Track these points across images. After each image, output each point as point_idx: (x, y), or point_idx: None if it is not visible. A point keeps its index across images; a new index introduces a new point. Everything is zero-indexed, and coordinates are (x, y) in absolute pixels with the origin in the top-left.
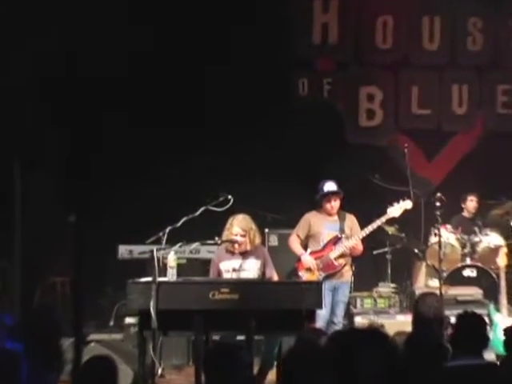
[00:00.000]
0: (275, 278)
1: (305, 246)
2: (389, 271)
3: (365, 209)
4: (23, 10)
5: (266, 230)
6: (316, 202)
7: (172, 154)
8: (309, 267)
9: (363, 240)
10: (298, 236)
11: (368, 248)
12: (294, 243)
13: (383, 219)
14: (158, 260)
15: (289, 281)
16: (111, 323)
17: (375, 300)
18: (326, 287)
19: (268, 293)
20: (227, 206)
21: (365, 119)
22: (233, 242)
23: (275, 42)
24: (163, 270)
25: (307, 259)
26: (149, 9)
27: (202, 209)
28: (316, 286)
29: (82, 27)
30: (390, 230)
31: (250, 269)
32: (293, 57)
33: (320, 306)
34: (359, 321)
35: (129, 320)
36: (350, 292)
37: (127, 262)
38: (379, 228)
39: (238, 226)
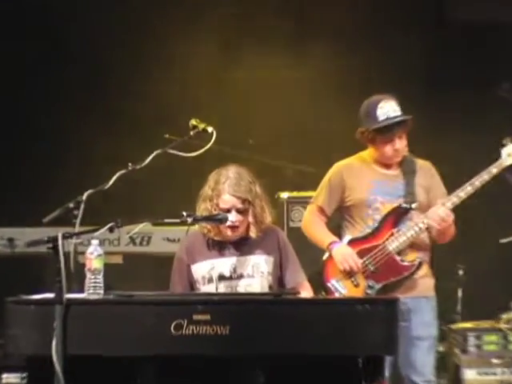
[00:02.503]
0: (306, 290)
1: (336, 230)
2: None
3: (478, 153)
4: None
5: (285, 196)
6: (361, 143)
7: None
8: (349, 269)
9: (461, 214)
10: (322, 210)
11: (487, 231)
12: (315, 223)
13: (493, 170)
14: (67, 257)
15: (331, 298)
16: None
17: (505, 337)
18: None
19: (291, 324)
20: (204, 149)
21: None
22: (221, 221)
23: None
24: (78, 277)
25: (344, 253)
26: None
27: (155, 154)
28: (386, 309)
29: None
30: None
31: (255, 274)
32: None
33: (394, 350)
34: (472, 378)
35: (8, 378)
36: (447, 322)
37: (5, 262)
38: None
39: (231, 192)
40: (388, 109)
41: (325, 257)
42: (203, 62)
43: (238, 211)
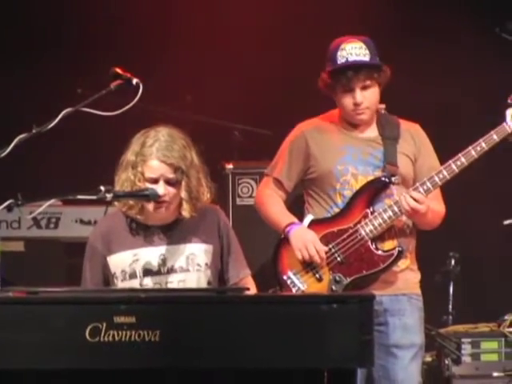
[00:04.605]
0: (250, 285)
1: (295, 210)
2: None
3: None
4: None
5: (230, 167)
6: (328, 96)
7: None
8: (308, 258)
9: (455, 189)
10: (280, 183)
11: (486, 210)
12: (270, 200)
13: (495, 137)
14: None
15: (289, 296)
16: None
17: (509, 344)
18: None
19: (237, 328)
20: (128, 107)
21: None
22: (147, 198)
23: None
24: None
25: (304, 238)
26: None
27: (64, 113)
28: (359, 310)
29: None
30: None
31: (190, 267)
32: None
33: (368, 361)
34: None
35: None
36: (435, 325)
37: None
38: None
39: (161, 158)
40: (350, 51)
41: (280, 239)
42: None
43: (169, 182)
